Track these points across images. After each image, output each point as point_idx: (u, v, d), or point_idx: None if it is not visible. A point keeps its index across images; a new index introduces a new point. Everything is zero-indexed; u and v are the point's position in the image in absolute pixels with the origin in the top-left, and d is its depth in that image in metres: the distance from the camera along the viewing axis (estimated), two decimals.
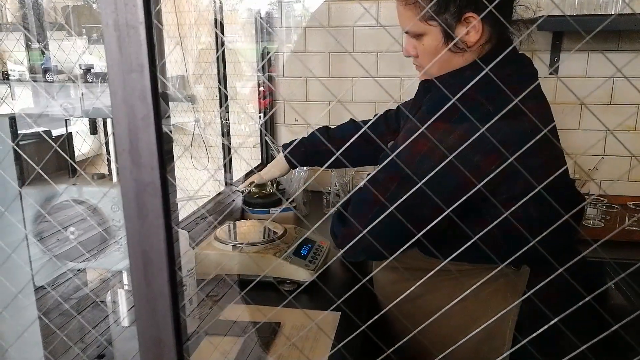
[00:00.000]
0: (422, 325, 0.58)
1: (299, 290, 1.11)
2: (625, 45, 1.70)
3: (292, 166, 1.37)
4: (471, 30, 0.90)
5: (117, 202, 0.52)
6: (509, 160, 0.42)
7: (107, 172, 0.60)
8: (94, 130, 0.56)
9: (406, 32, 0.98)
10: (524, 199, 0.43)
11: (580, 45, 1.69)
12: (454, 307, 1.00)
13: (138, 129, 0.32)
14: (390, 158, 0.88)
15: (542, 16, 1.54)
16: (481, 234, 0.44)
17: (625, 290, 1.36)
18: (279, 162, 1.38)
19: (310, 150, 1.33)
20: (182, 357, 0.35)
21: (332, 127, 1.40)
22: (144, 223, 0.34)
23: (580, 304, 0.39)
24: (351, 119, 1.39)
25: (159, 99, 0.31)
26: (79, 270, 0.90)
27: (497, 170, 0.74)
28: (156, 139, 0.32)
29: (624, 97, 1.74)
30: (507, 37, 0.97)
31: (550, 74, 1.75)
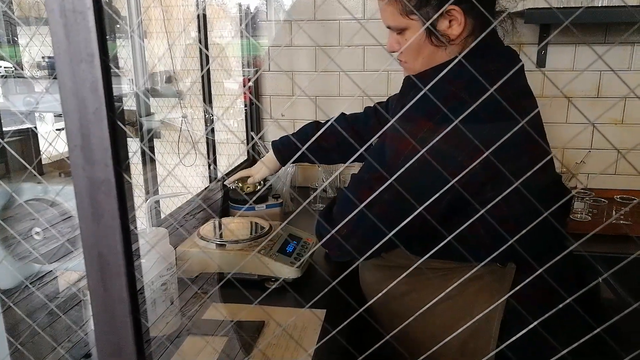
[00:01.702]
0: (406, 322, 0.57)
1: (272, 289, 1.09)
2: (612, 37, 1.69)
3: (283, 163, 1.35)
4: (453, 23, 0.88)
5: None
6: (481, 157, 0.40)
7: None
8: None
9: (389, 27, 0.96)
10: (496, 199, 0.42)
11: (553, 35, 1.69)
12: (440, 305, 0.99)
13: (90, 124, 0.30)
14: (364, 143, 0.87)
15: (525, 9, 1.53)
16: (455, 233, 0.42)
17: (613, 285, 1.36)
18: (269, 160, 1.35)
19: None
20: None
21: (322, 121, 1.38)
22: (99, 224, 0.31)
23: (560, 306, 0.37)
24: (342, 112, 1.37)
25: (112, 91, 0.29)
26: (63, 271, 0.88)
27: (469, 168, 0.73)
28: (109, 133, 0.30)
29: (611, 90, 1.73)
30: (492, 30, 0.96)
31: (538, 66, 1.75)
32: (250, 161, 1.89)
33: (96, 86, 0.29)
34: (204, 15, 1.63)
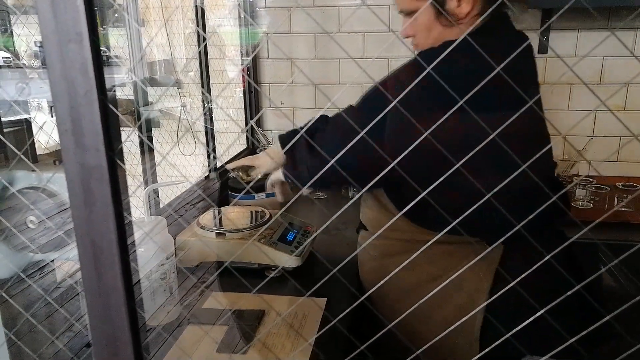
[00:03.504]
0: (405, 313, 0.56)
1: (270, 277, 1.08)
2: (615, 23, 1.67)
3: None
4: (462, 2, 0.89)
5: None
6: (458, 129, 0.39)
7: None
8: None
9: (401, 12, 0.98)
10: (503, 183, 0.41)
11: (557, 16, 1.66)
12: (428, 286, 0.99)
13: (80, 107, 0.29)
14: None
15: None
16: (466, 216, 0.42)
17: (615, 273, 1.35)
18: (276, 154, 1.33)
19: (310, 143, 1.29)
20: (140, 355, 0.32)
21: (330, 116, 1.36)
22: (92, 211, 0.30)
23: (563, 297, 0.36)
24: (350, 105, 1.35)
25: (103, 73, 0.28)
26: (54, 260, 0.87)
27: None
28: (101, 117, 0.29)
29: (614, 76, 1.72)
30: (502, 12, 0.95)
31: (540, 52, 1.73)
32: (250, 149, 1.88)
33: (86, 68, 0.28)
34: (202, 8, 1.61)
